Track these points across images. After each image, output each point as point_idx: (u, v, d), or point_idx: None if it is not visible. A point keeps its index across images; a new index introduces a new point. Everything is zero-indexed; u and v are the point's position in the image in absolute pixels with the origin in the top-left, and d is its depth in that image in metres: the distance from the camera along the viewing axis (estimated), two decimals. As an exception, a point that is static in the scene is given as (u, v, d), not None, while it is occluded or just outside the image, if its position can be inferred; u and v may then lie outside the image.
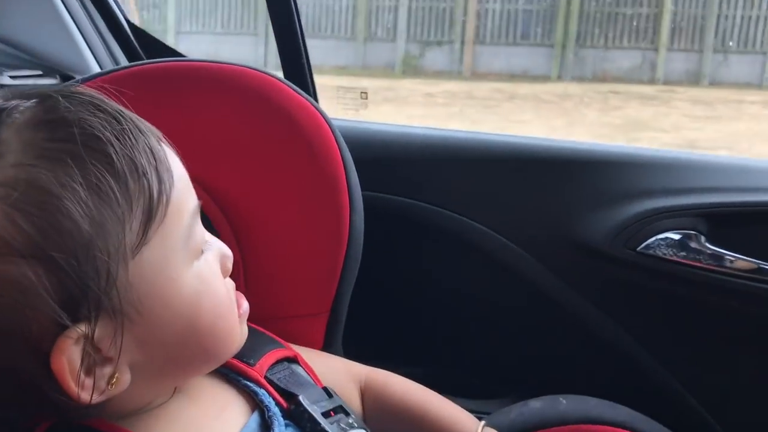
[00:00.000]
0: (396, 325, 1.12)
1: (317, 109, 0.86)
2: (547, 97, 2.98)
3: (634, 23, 2.78)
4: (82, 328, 0.47)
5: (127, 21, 1.20)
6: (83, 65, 1.13)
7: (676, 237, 0.98)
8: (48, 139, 0.48)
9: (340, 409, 0.68)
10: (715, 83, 2.78)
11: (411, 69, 3.63)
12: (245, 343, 0.68)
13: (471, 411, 0.79)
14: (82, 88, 0.55)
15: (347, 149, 0.85)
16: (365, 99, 1.18)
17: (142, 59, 1.19)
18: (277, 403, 0.64)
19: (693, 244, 0.98)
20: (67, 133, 0.48)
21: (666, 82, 2.83)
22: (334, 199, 0.83)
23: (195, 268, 0.54)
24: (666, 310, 1.03)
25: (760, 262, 0.96)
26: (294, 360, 0.72)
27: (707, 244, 0.98)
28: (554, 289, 1.03)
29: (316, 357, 0.78)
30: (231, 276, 0.62)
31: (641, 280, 1.01)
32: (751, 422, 1.02)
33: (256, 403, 0.63)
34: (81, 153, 0.48)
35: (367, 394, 0.78)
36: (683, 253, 0.98)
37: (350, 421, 0.67)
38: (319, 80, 1.13)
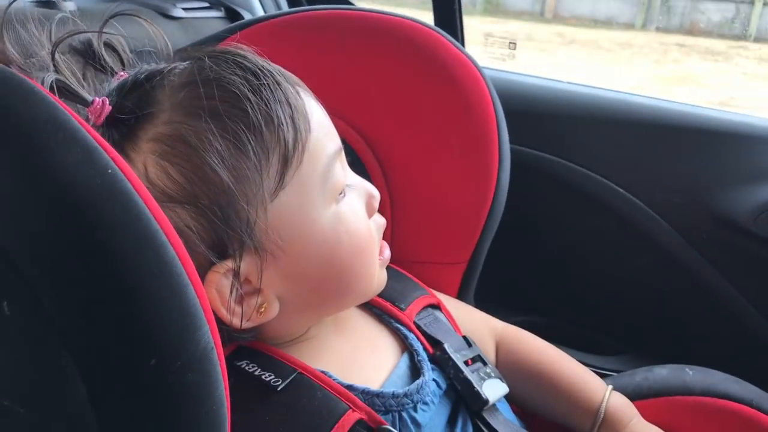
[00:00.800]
0: (527, 276, 1.12)
1: (474, 63, 0.86)
2: (608, 45, 2.82)
3: None
4: (229, 264, 0.53)
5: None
6: (247, 1, 1.16)
7: None
8: (192, 98, 0.53)
9: (479, 358, 0.71)
10: None
11: (493, 7, 3.52)
12: (396, 286, 0.72)
13: (590, 366, 0.80)
14: (234, 47, 0.59)
15: (500, 105, 0.85)
16: (513, 49, 1.16)
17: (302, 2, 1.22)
18: (424, 348, 0.68)
19: None
20: (208, 92, 0.53)
21: (757, 39, 2.61)
22: (486, 154, 0.84)
23: (334, 208, 0.58)
24: None
25: None
26: (437, 307, 0.76)
27: None
28: (687, 257, 1.01)
29: (456, 306, 0.81)
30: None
31: None
32: None
33: (405, 346, 0.67)
34: (218, 109, 0.52)
35: (501, 347, 0.80)
36: None
37: (488, 370, 0.70)
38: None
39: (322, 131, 0.58)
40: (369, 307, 0.70)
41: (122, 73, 0.58)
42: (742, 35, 2.62)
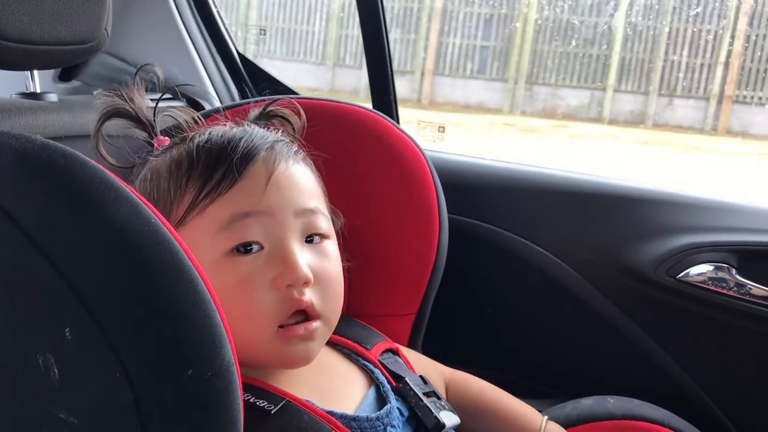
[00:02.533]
0: (463, 330, 1.22)
1: (414, 142, 0.99)
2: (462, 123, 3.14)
3: (584, 64, 2.89)
4: None
5: (239, 54, 1.35)
6: (204, 92, 1.27)
7: (710, 268, 1.07)
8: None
9: (433, 394, 0.80)
10: (659, 125, 2.88)
11: None
12: (361, 332, 0.82)
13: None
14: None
15: (438, 177, 0.98)
16: (442, 132, 1.30)
17: (251, 88, 1.33)
18: (388, 382, 0.77)
19: (724, 275, 1.07)
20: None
21: (611, 122, 2.94)
22: (427, 219, 0.95)
23: (227, 258, 0.63)
24: (697, 329, 1.11)
25: None
26: (395, 352, 0.85)
27: (736, 276, 1.07)
28: (601, 306, 1.12)
29: (409, 352, 0.90)
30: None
31: (678, 302, 1.09)
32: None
33: (372, 380, 0.76)
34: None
35: (450, 388, 0.89)
36: (715, 282, 1.07)
37: (442, 403, 0.79)
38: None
39: (243, 193, 0.66)
40: (339, 348, 0.79)
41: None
42: (598, 117, 2.91)
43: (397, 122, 1.27)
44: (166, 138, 0.73)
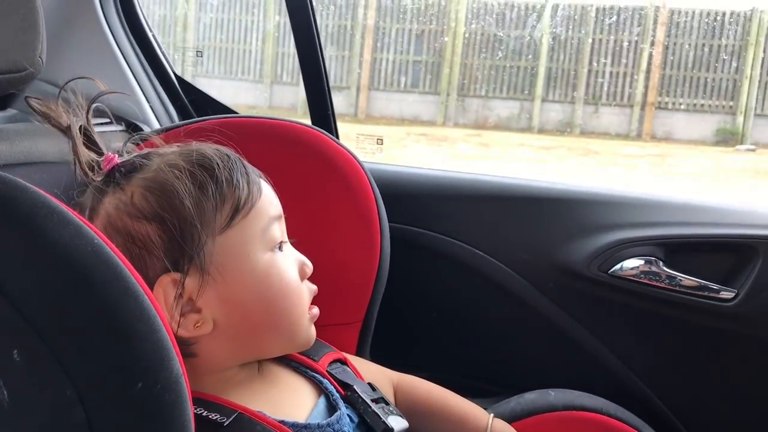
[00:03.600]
0: (409, 335, 1.24)
1: (352, 154, 1.01)
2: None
3: (513, 75, 3.02)
4: (178, 275, 0.66)
5: (176, 75, 1.35)
6: (143, 116, 1.26)
7: (640, 262, 1.12)
8: (177, 158, 0.70)
9: (382, 400, 0.82)
10: (586, 132, 3.04)
11: None
12: None
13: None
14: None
15: (377, 187, 1.00)
16: (381, 144, 1.32)
17: (189, 110, 1.34)
18: (337, 391, 0.78)
19: (653, 268, 1.12)
20: (187, 157, 0.70)
21: (541, 131, 3.10)
22: (368, 228, 0.97)
23: (269, 255, 0.72)
24: (630, 320, 1.16)
25: (701, 280, 1.11)
26: (343, 362, 0.87)
27: (664, 268, 1.12)
28: (539, 303, 1.16)
29: (357, 360, 0.92)
30: None
31: (611, 296, 1.14)
32: (697, 412, 1.17)
33: (321, 390, 0.78)
34: (194, 166, 0.69)
35: (398, 392, 0.91)
36: (645, 275, 1.12)
37: (390, 408, 0.81)
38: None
39: (267, 200, 0.74)
40: (287, 362, 0.80)
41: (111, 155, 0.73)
42: (527, 127, 3.02)
43: (337, 137, 1.29)
44: (115, 155, 0.73)
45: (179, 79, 1.34)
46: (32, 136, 1.01)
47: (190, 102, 1.32)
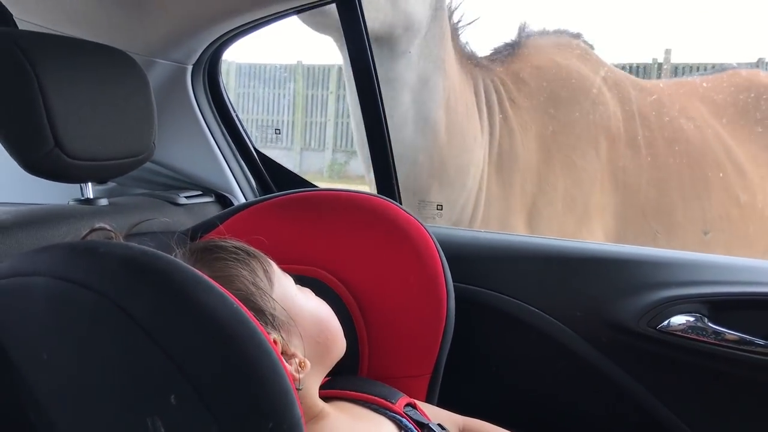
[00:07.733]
0: (472, 386, 1.30)
1: (420, 222, 1.11)
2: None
3: None
4: (275, 334, 0.79)
5: (257, 152, 1.48)
6: (229, 188, 1.39)
7: (687, 318, 1.17)
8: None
9: (452, 439, 0.90)
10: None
11: (336, 174, 4.50)
12: (383, 390, 0.92)
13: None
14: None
15: (443, 252, 1.09)
16: (440, 210, 1.42)
17: (269, 183, 1.46)
18: (414, 428, 0.87)
19: (699, 324, 1.16)
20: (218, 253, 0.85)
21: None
22: (436, 288, 1.06)
23: (302, 295, 0.87)
24: (680, 374, 1.20)
25: (745, 335, 1.15)
26: (414, 406, 0.95)
27: (709, 324, 1.17)
28: (593, 358, 1.21)
29: (426, 406, 1.00)
30: (359, 347, 1.01)
31: (660, 351, 1.18)
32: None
33: (401, 427, 0.86)
34: (244, 258, 0.84)
35: None
36: (691, 330, 1.17)
37: (460, 446, 0.89)
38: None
39: (277, 269, 0.88)
40: (367, 405, 0.89)
41: None
42: None
43: (400, 203, 1.40)
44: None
45: (259, 154, 1.47)
46: (141, 210, 1.15)
47: (270, 176, 1.44)
